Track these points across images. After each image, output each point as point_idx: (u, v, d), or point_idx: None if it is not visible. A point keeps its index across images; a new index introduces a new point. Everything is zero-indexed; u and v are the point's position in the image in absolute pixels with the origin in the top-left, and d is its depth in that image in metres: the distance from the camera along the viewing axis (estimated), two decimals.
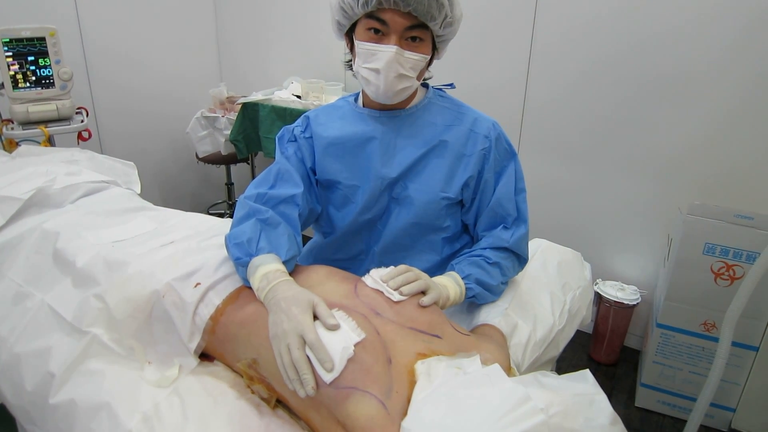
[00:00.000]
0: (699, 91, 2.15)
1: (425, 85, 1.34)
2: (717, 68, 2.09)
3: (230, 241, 1.11)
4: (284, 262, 1.07)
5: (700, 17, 2.07)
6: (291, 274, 1.10)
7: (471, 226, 1.34)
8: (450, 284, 1.16)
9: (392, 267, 1.09)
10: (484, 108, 1.29)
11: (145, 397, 0.97)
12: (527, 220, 1.30)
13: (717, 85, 2.11)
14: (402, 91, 1.19)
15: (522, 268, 1.34)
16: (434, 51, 1.23)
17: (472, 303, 1.30)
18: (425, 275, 1.08)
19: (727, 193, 2.18)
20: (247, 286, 1.08)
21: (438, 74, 1.44)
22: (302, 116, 1.35)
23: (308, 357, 0.86)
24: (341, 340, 0.87)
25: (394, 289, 1.02)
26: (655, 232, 2.40)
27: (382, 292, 1.03)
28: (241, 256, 1.07)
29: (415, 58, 1.15)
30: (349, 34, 1.21)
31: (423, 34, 1.15)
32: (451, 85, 1.40)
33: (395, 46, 1.13)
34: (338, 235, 1.33)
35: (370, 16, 1.13)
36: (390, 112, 1.27)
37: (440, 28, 1.15)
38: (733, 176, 2.17)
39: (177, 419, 0.93)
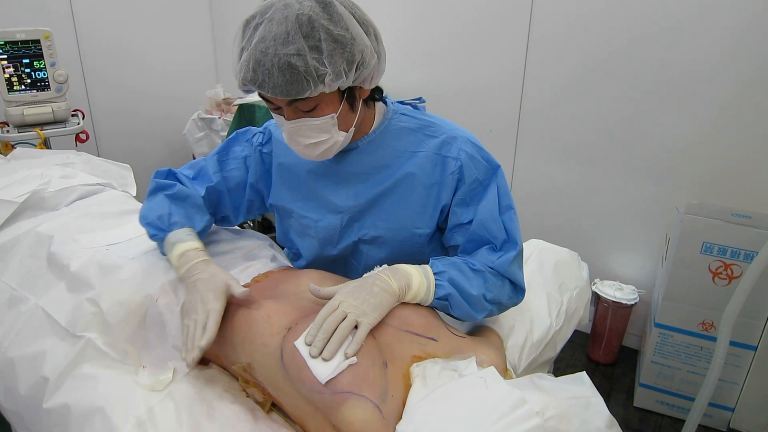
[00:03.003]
0: (696, 90, 2.14)
1: (385, 103, 1.19)
2: (714, 67, 2.08)
3: (142, 221, 1.15)
4: (198, 233, 1.12)
5: (696, 17, 2.07)
6: (282, 277, 1.09)
7: (450, 249, 1.21)
8: (415, 274, 1.02)
9: (314, 324, 0.91)
10: (480, 109, 1.27)
11: (139, 402, 0.96)
12: (518, 242, 1.11)
13: (714, 84, 2.10)
14: (327, 151, 1.07)
15: (517, 299, 1.14)
16: (355, 90, 1.04)
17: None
18: (344, 302, 0.93)
19: (724, 192, 2.17)
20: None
21: (433, 75, 1.43)
22: (265, 127, 1.27)
23: (303, 358, 0.86)
24: (335, 363, 0.85)
25: (319, 354, 0.86)
26: (653, 231, 2.39)
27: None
28: (156, 232, 1.12)
29: (317, 123, 1.01)
30: None
31: (312, 101, 0.98)
32: (420, 99, 1.24)
33: (289, 122, 1.02)
34: (308, 263, 1.27)
35: (260, 95, 1.02)
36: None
37: (324, 86, 0.95)
38: (730, 175, 2.16)
39: (171, 424, 0.92)
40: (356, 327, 0.91)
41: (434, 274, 1.04)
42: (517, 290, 1.13)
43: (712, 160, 2.18)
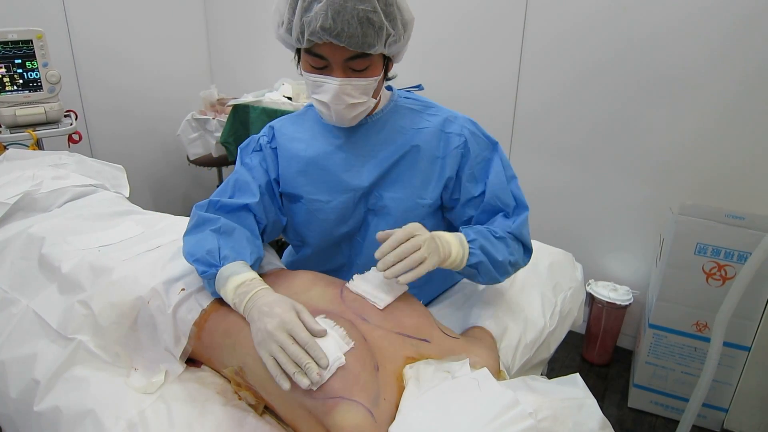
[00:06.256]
0: (690, 92, 2.15)
1: (389, 88, 1.27)
2: (708, 69, 2.09)
3: (189, 258, 1.07)
4: (250, 266, 1.06)
5: (689, 20, 2.07)
6: (274, 279, 1.09)
7: (459, 225, 1.26)
8: (454, 242, 1.08)
9: (373, 269, 1.05)
10: (474, 111, 1.29)
11: (130, 404, 0.96)
12: (527, 205, 1.22)
13: (708, 86, 2.11)
14: (357, 116, 1.14)
15: (528, 259, 1.24)
16: (388, 62, 1.14)
17: (464, 305, 1.29)
18: (421, 236, 1.00)
19: (718, 193, 2.18)
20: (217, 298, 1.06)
21: (427, 77, 1.43)
22: (267, 126, 1.30)
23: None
24: (332, 349, 0.85)
25: (384, 270, 0.96)
26: (648, 232, 2.40)
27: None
28: (206, 269, 1.04)
29: (363, 83, 1.08)
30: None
31: (368, 60, 1.06)
32: (419, 87, 1.33)
33: (339, 79, 1.06)
34: (315, 249, 1.29)
35: (308, 51, 1.06)
36: None
37: (385, 47, 1.06)
38: (724, 176, 2.17)
39: (163, 426, 0.92)
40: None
41: (468, 242, 1.10)
42: (527, 251, 1.24)
43: (706, 162, 2.19)
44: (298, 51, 1.12)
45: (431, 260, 0.99)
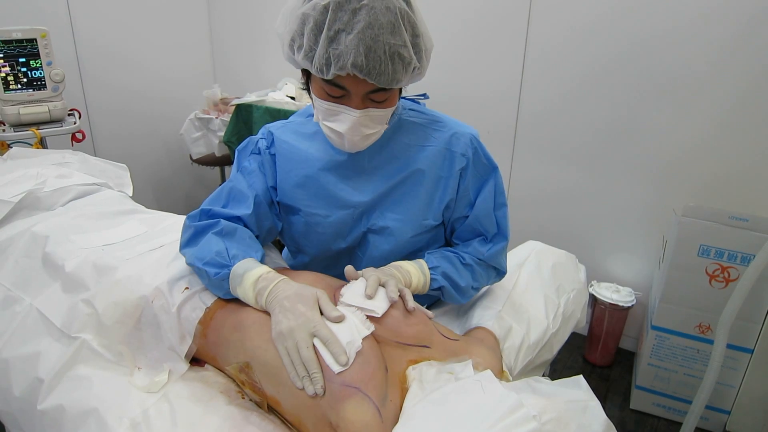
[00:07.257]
0: (694, 95, 2.15)
1: None
2: (711, 72, 2.09)
3: (197, 264, 1.04)
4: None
5: (692, 22, 2.07)
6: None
7: (449, 236, 1.29)
8: (414, 271, 1.12)
9: (361, 279, 1.04)
10: (478, 112, 1.28)
11: (133, 403, 0.96)
12: (507, 236, 1.23)
13: (712, 88, 2.11)
14: (369, 143, 1.11)
15: (499, 280, 1.29)
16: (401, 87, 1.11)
17: (466, 306, 1.29)
18: (385, 273, 1.05)
19: (722, 195, 2.18)
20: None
21: (430, 78, 1.40)
22: (265, 129, 1.25)
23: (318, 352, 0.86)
24: (348, 334, 0.86)
25: (370, 297, 0.98)
26: (651, 233, 2.40)
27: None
28: (218, 270, 1.01)
29: (381, 114, 1.05)
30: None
31: (389, 92, 1.02)
32: (425, 95, 1.28)
33: (358, 111, 1.01)
34: (312, 259, 1.28)
35: (327, 80, 0.99)
36: None
37: (412, 78, 1.04)
38: (728, 178, 2.17)
39: (166, 425, 0.92)
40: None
41: (429, 268, 1.14)
42: (500, 274, 1.28)
43: (709, 164, 2.19)
44: (306, 71, 1.07)
45: (393, 280, 1.03)
